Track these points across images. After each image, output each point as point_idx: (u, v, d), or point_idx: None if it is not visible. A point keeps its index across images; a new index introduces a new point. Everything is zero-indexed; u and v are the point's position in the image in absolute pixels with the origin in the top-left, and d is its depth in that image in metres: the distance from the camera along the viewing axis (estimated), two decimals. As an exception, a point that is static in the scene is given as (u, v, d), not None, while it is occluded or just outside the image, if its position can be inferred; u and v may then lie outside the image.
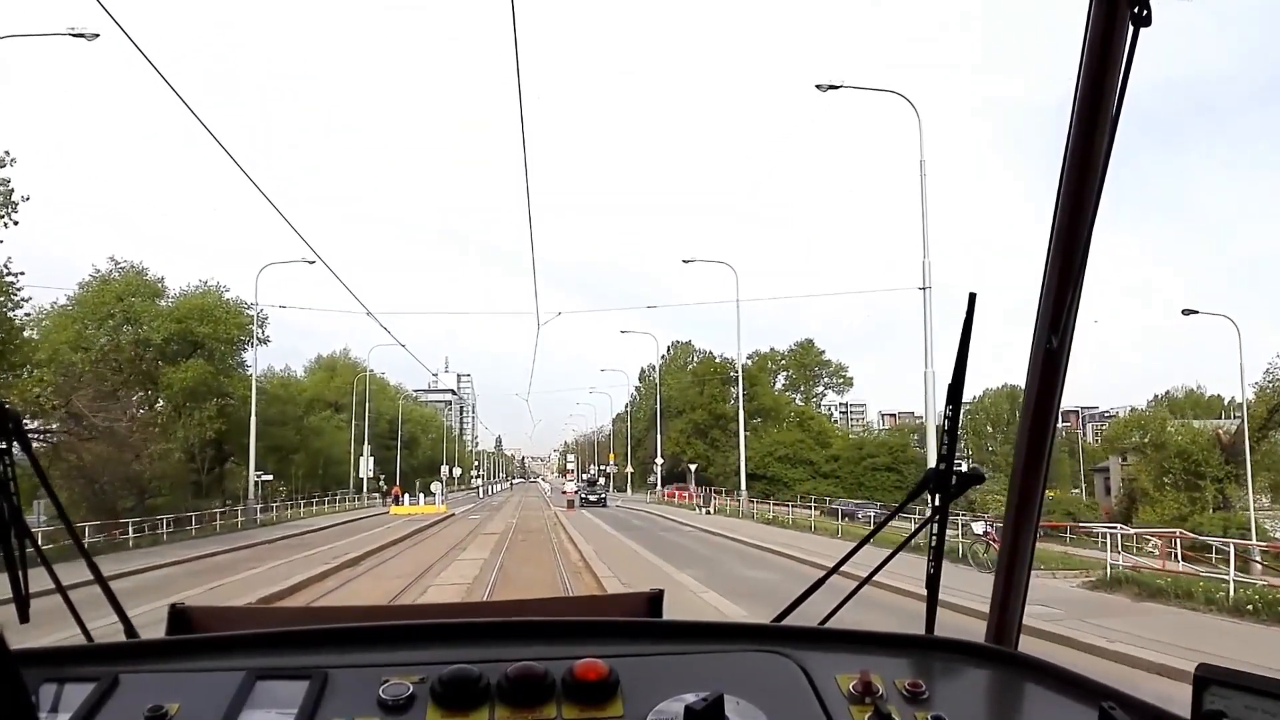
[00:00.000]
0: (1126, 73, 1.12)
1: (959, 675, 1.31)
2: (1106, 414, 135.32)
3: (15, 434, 1.22)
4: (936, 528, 1.40)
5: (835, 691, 1.17)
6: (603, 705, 1.11)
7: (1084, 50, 1.16)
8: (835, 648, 1.32)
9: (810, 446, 60.65)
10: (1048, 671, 1.25)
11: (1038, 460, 1.40)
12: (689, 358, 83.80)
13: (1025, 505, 1.43)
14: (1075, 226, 1.24)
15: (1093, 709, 1.09)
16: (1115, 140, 1.16)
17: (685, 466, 61.34)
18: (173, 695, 1.10)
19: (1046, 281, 1.30)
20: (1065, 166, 1.23)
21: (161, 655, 1.24)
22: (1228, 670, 0.98)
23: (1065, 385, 1.36)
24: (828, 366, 79.61)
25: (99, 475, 28.13)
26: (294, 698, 1.11)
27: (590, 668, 1.13)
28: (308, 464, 57.87)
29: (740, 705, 1.10)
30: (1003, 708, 1.29)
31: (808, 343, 79.27)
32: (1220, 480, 41.84)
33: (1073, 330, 1.30)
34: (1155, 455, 43.02)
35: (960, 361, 1.33)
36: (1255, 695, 0.93)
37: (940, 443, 1.39)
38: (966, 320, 1.32)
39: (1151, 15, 1.06)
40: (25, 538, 1.25)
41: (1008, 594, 1.48)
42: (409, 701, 1.10)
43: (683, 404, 71.80)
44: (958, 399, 1.34)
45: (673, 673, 1.19)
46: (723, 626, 1.38)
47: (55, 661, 1.18)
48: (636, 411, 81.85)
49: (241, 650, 1.23)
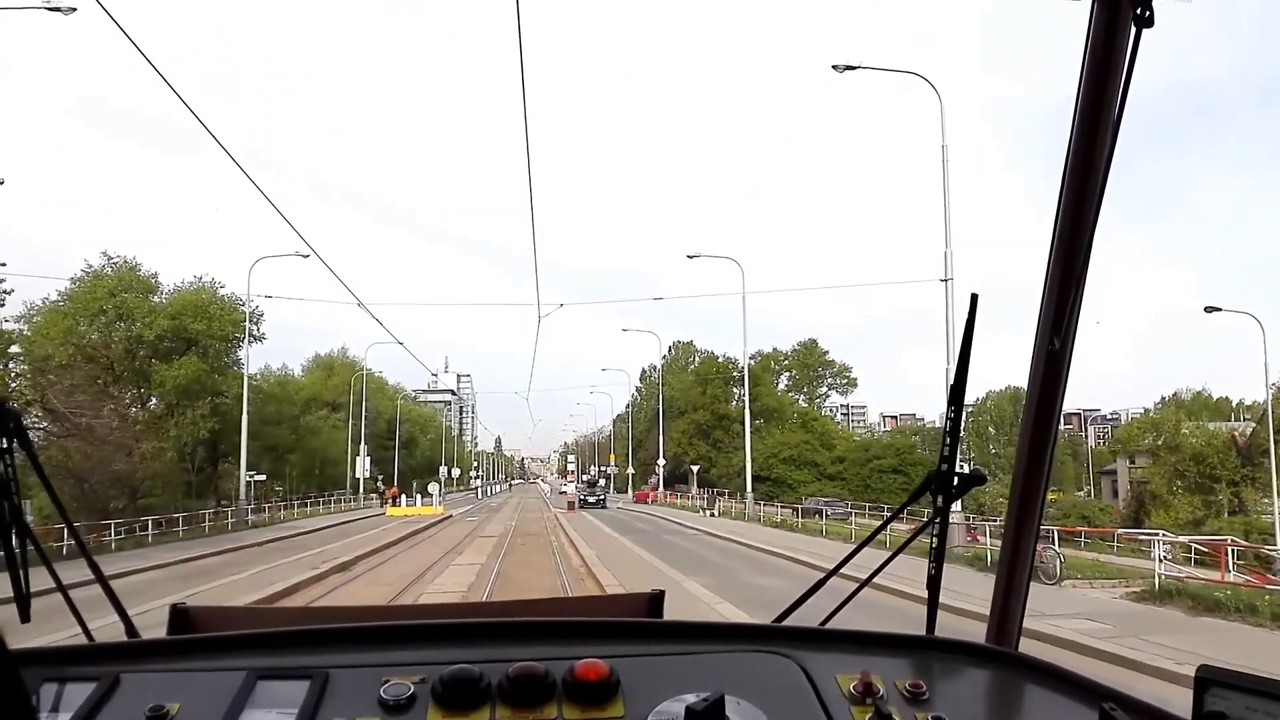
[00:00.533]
0: (1129, 74, 1.14)
1: (959, 676, 1.32)
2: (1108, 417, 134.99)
3: (16, 433, 1.22)
4: (938, 529, 1.41)
5: (836, 692, 1.19)
6: (603, 705, 1.12)
7: (1086, 51, 1.17)
8: (836, 648, 1.32)
9: (815, 448, 59.43)
10: (1048, 672, 1.27)
11: (1039, 462, 1.41)
12: (690, 358, 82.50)
13: (1026, 507, 1.45)
14: (1077, 228, 1.26)
15: (1093, 709, 1.10)
16: (1117, 141, 1.18)
17: (687, 468, 60.06)
18: (174, 695, 1.11)
19: (1048, 283, 1.31)
20: (1067, 167, 1.24)
21: (162, 655, 1.25)
22: (1228, 671, 0.98)
23: (1066, 387, 1.37)
24: (831, 367, 78.36)
25: (88, 475, 27.19)
26: (295, 698, 1.11)
27: (591, 668, 1.13)
28: (304, 464, 56.93)
29: (741, 705, 1.11)
30: (1003, 708, 1.30)
31: (811, 343, 78.05)
32: (1235, 483, 40.79)
33: (1075, 332, 1.32)
34: (1169, 458, 41.98)
35: (962, 362, 1.35)
36: (1256, 696, 0.94)
37: (942, 444, 1.39)
38: (968, 321, 1.34)
39: (1154, 16, 1.07)
40: (26, 537, 1.26)
41: (1008, 595, 1.49)
42: (410, 701, 1.11)
43: (685, 404, 70.68)
44: (959, 400, 1.35)
45: (673, 673, 1.20)
46: (723, 627, 1.39)
47: (56, 661, 1.20)
48: (637, 412, 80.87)
49: (242, 650, 1.24)
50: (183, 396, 41.71)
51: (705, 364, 77.96)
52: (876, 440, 68.39)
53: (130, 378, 44.02)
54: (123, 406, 35.11)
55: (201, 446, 41.42)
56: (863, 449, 60.28)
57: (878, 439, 70.78)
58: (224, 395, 43.88)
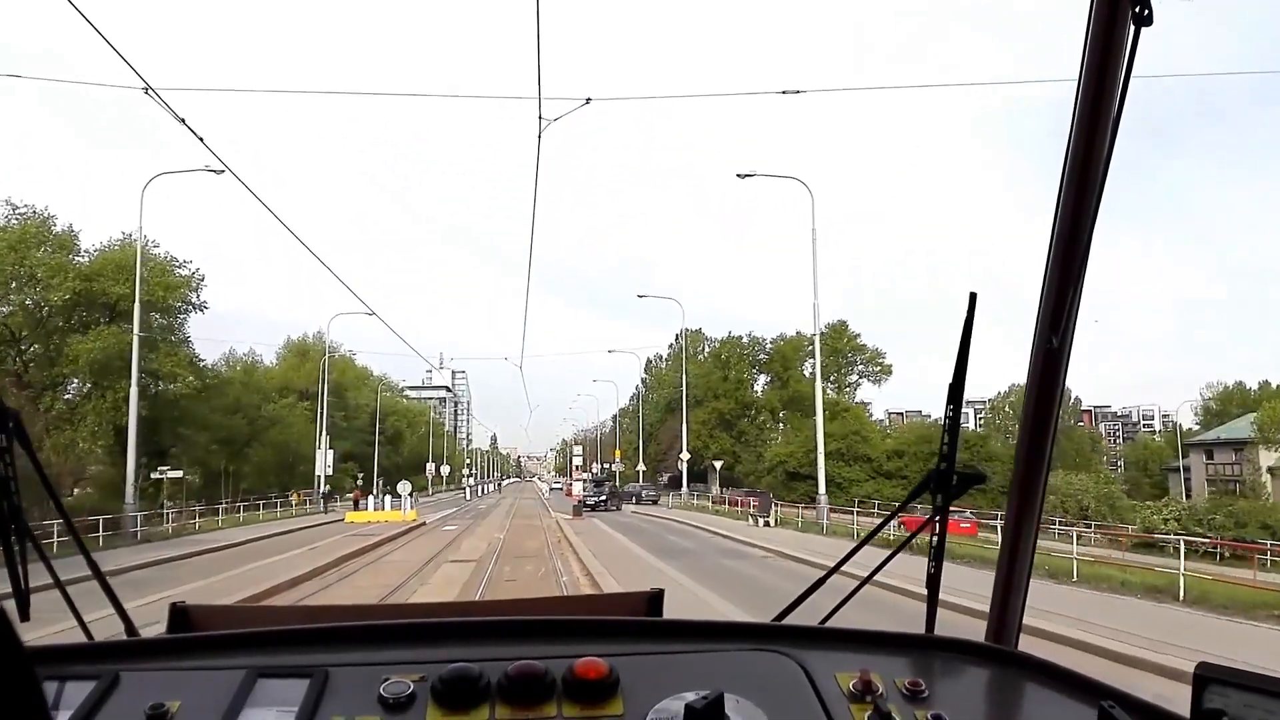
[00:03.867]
0: (1128, 72, 1.18)
1: (959, 674, 1.37)
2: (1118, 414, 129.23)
3: (15, 432, 1.28)
4: (938, 527, 1.47)
5: (835, 690, 1.23)
6: (603, 704, 1.16)
7: (1085, 49, 1.21)
8: (835, 647, 1.38)
9: (866, 440, 50.74)
10: (1048, 671, 1.32)
11: (1039, 460, 1.46)
12: (699, 347, 73.92)
13: (1026, 505, 1.50)
14: (1076, 226, 1.30)
15: (1093, 708, 1.14)
16: (1117, 139, 1.23)
17: (708, 464, 51.93)
18: (173, 693, 1.15)
19: (1047, 281, 1.36)
20: (1066, 165, 1.29)
21: (162, 653, 1.30)
22: (1227, 669, 1.02)
23: (1065, 384, 1.43)
24: (863, 352, 69.59)
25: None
26: (294, 696, 1.15)
27: (590, 666, 1.17)
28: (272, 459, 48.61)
29: (740, 704, 1.15)
30: (1003, 707, 1.36)
31: (841, 324, 70.38)
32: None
33: (1073, 330, 1.37)
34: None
35: (961, 361, 1.40)
36: (1254, 694, 0.98)
37: (941, 442, 1.45)
38: (967, 320, 1.38)
39: (1153, 15, 1.11)
40: (25, 535, 1.31)
41: (1008, 593, 1.54)
42: (409, 700, 1.15)
43: (703, 392, 62.44)
44: (958, 399, 1.41)
45: (673, 672, 1.24)
46: (723, 626, 1.44)
47: (56, 659, 1.24)
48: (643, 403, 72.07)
49: (242, 648, 1.29)
50: (101, 375, 33.22)
51: (728, 344, 68.86)
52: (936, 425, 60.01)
53: (42, 354, 35.14)
54: (32, 390, 26.90)
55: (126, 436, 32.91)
56: (924, 440, 51.21)
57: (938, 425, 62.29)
58: (156, 375, 35.21)
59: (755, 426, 65.59)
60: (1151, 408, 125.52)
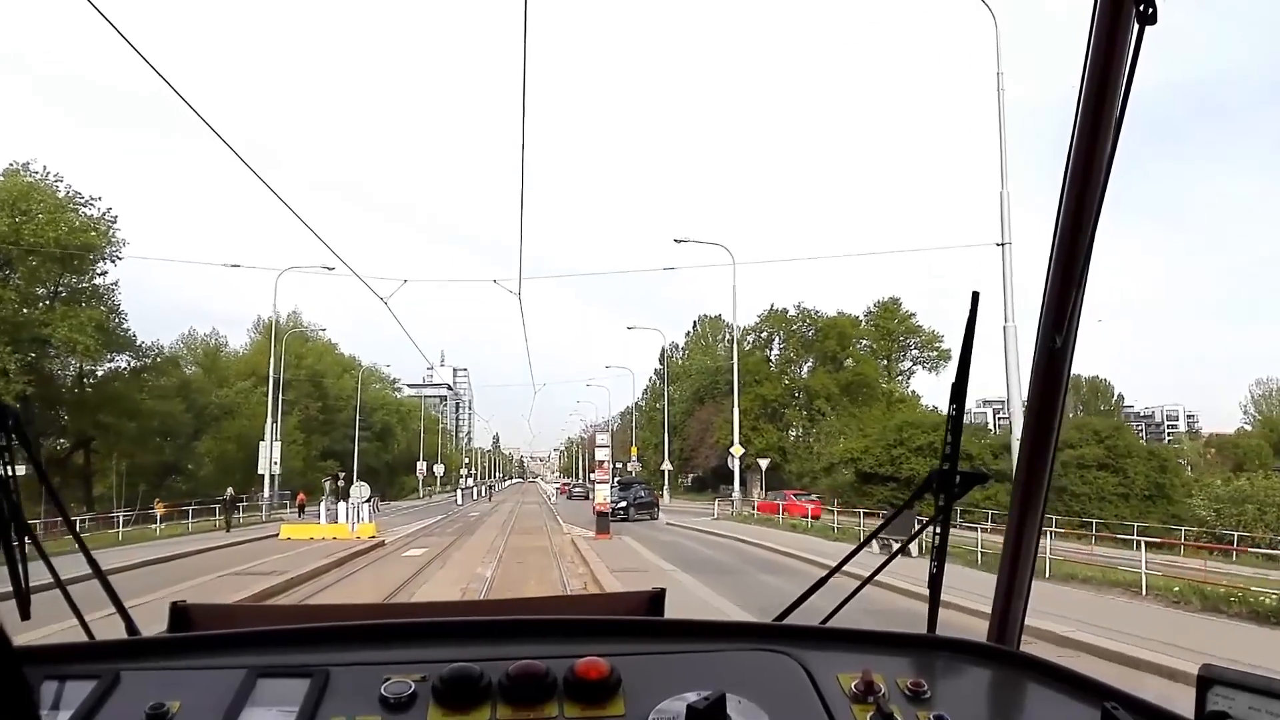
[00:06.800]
0: (1132, 71, 1.20)
1: (961, 674, 1.41)
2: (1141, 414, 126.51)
3: (15, 431, 1.31)
4: (940, 527, 1.51)
5: (837, 690, 1.26)
6: (604, 704, 1.18)
7: (1089, 48, 1.24)
8: (837, 647, 1.41)
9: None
10: (1050, 671, 1.36)
11: (1042, 461, 1.48)
12: (719, 334, 64.92)
13: (1029, 505, 1.51)
14: (1079, 226, 1.32)
15: (1095, 709, 1.18)
16: (1120, 139, 1.25)
17: (753, 461, 43.29)
18: (174, 693, 1.17)
19: (1050, 281, 1.39)
20: (1069, 165, 1.32)
21: (163, 653, 1.33)
22: (1231, 671, 1.05)
23: (1069, 385, 1.48)
24: (917, 334, 60.55)
25: None
26: (295, 695, 1.18)
27: (592, 666, 1.19)
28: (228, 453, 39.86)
29: (742, 704, 1.17)
30: (1005, 707, 1.38)
31: (893, 303, 62.23)
32: None
33: (1076, 330, 1.39)
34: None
35: (964, 360, 1.43)
36: (1258, 695, 0.99)
37: (944, 442, 1.47)
38: (969, 320, 1.41)
39: (1157, 13, 1.12)
40: (25, 534, 1.35)
41: (1010, 594, 1.56)
42: (410, 700, 1.17)
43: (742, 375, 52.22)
44: (961, 398, 1.43)
45: (674, 672, 1.27)
46: (724, 625, 1.48)
47: (56, 659, 1.26)
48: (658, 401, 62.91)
49: (242, 648, 1.33)
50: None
51: (772, 318, 59.57)
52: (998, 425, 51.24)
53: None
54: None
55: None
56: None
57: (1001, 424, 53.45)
58: (48, 344, 26.18)
59: (804, 418, 56.74)
60: (1175, 408, 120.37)
